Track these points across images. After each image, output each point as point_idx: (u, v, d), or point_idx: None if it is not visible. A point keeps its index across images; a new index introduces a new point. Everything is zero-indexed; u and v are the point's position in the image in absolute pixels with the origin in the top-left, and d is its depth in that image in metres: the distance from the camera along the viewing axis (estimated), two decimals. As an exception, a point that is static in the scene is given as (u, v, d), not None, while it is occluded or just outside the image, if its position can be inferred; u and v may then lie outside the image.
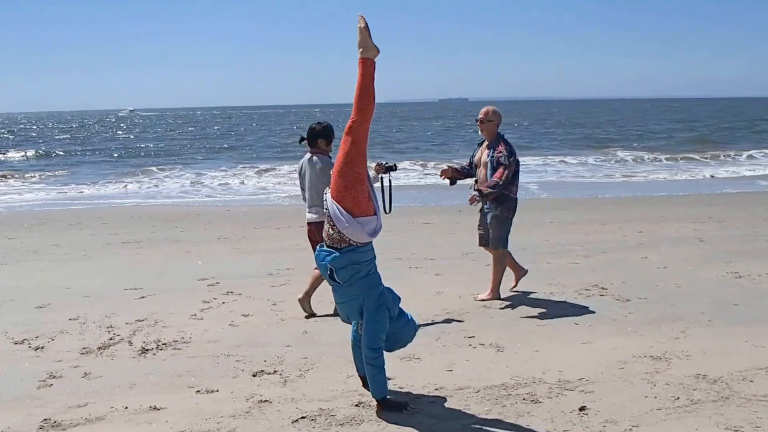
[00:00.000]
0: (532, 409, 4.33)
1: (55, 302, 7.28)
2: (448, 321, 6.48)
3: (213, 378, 5.05)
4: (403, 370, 5.10)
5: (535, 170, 26.47)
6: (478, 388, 4.71)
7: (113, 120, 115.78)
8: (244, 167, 28.29)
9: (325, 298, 6.61)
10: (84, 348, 5.77)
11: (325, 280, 6.45)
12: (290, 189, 20.77)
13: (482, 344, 5.73)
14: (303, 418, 4.30)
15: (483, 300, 7.14)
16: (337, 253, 4.30)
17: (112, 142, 50.31)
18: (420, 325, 6.22)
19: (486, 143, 7.01)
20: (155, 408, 4.49)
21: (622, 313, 6.58)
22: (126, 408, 4.51)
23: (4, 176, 25.99)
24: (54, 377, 5.11)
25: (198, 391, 4.79)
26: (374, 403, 4.42)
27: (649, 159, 30.30)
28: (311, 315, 6.67)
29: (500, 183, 6.72)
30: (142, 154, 38.71)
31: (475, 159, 7.09)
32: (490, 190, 6.73)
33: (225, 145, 43.72)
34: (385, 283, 5.02)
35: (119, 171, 27.34)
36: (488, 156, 6.87)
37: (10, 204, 18.51)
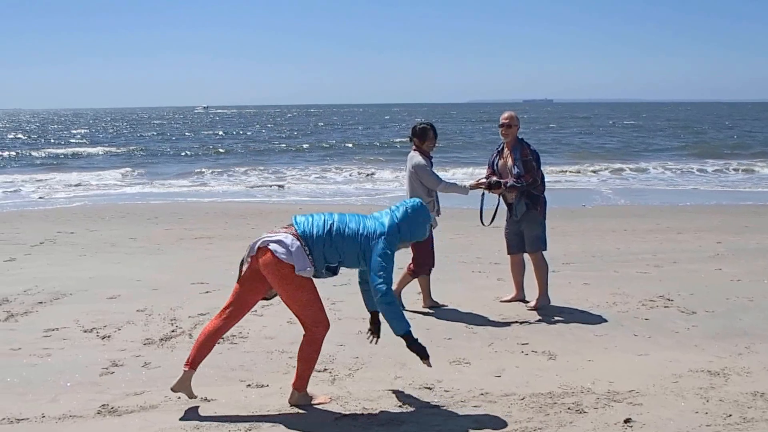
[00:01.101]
0: (576, 419, 4.26)
1: (125, 294, 7.59)
2: (503, 326, 6.44)
3: (265, 373, 5.19)
4: (451, 374, 5.10)
5: (624, 177, 25.43)
6: (523, 395, 4.67)
7: (194, 116, 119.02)
8: (327, 167, 28.37)
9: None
10: (147, 339, 6.01)
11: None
12: (368, 188, 21.40)
13: (534, 351, 5.67)
14: (345, 416, 4.37)
15: (534, 307, 7.04)
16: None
17: (193, 140, 51.26)
18: (473, 330, 6.26)
19: (506, 150, 7.03)
20: (206, 399, 4.65)
21: (685, 326, 6.38)
22: (179, 398, 4.67)
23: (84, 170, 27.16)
24: (116, 365, 5.35)
25: (248, 385, 4.93)
26: (416, 405, 4.46)
27: (750, 167, 28.25)
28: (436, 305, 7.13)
29: (523, 184, 6.86)
30: (221, 149, 39.46)
31: (499, 166, 7.07)
32: (513, 183, 6.86)
33: (307, 144, 43.60)
34: (446, 285, 5.01)
35: (199, 167, 28.12)
36: (513, 162, 6.92)
37: (95, 197, 19.34)
